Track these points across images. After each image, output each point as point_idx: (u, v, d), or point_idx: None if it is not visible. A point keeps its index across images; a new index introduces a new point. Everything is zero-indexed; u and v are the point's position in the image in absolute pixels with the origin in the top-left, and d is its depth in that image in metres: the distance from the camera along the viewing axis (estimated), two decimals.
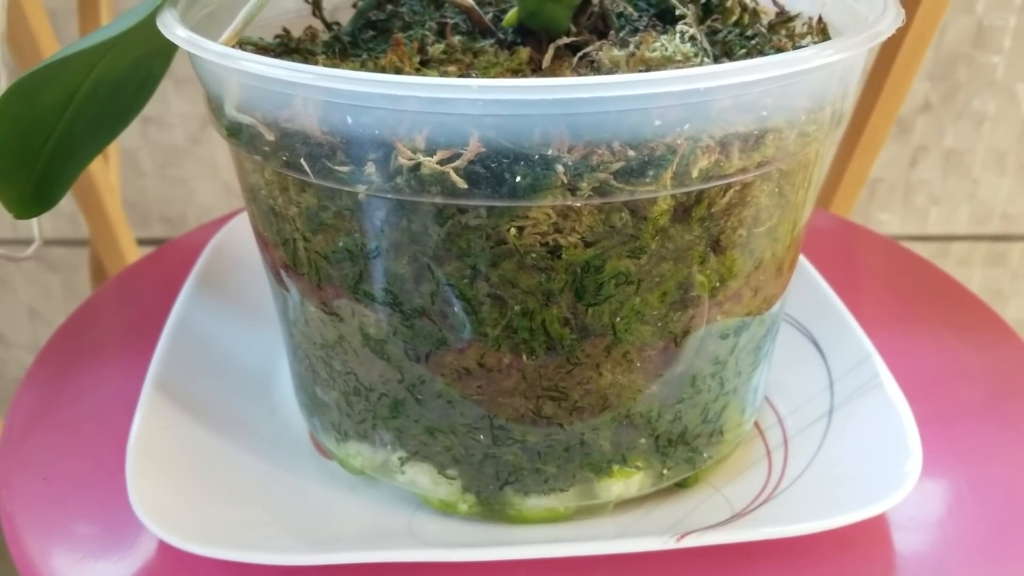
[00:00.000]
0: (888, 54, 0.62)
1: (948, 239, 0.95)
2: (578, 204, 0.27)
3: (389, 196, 0.27)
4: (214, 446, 0.37)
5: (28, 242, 0.39)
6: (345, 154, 0.27)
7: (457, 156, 0.26)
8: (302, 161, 0.27)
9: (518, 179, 0.26)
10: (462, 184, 0.26)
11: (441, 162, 0.26)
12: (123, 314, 0.50)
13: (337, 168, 0.27)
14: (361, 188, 0.27)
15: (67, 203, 0.88)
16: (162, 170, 0.89)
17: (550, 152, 0.25)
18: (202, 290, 0.45)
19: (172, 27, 0.29)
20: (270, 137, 0.28)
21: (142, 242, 0.90)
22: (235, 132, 0.29)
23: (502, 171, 0.26)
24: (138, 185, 0.90)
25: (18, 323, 0.98)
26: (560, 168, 0.26)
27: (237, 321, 0.44)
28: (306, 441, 0.39)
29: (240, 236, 0.48)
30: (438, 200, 0.26)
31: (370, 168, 0.26)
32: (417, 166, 0.26)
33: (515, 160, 0.26)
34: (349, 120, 0.26)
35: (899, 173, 0.91)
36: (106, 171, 0.69)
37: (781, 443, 0.37)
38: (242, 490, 0.35)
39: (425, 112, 0.25)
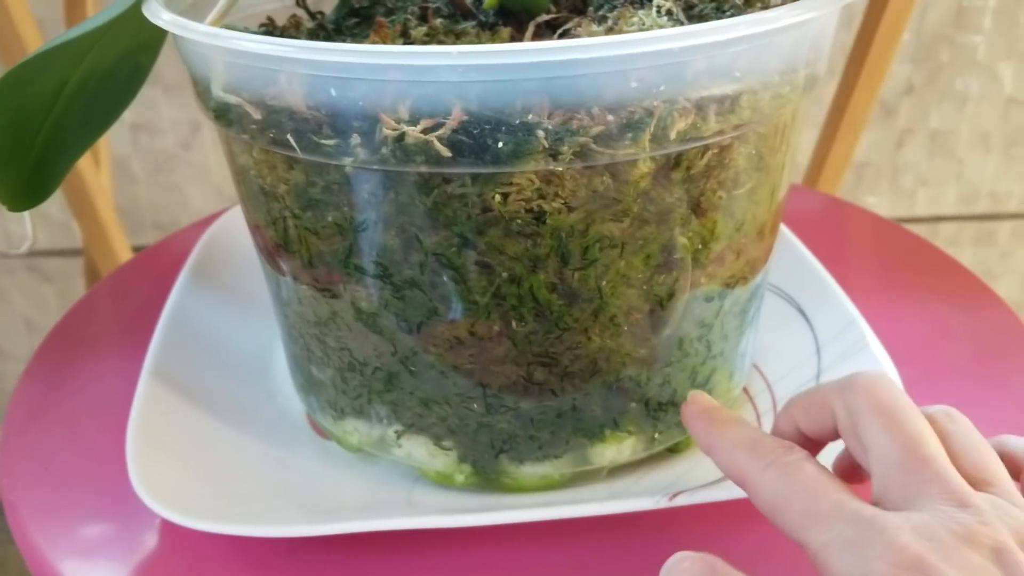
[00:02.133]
0: (867, 32, 0.63)
1: (936, 220, 0.96)
2: (560, 169, 0.27)
3: (375, 168, 0.28)
4: (213, 430, 0.37)
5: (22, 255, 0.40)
6: (331, 128, 0.27)
7: (440, 125, 0.26)
8: (289, 137, 0.28)
9: (500, 146, 0.26)
10: (446, 152, 0.26)
11: (425, 131, 0.26)
12: (117, 311, 0.50)
13: (323, 142, 0.27)
14: (348, 161, 0.28)
15: (59, 212, 0.89)
16: (154, 177, 0.90)
17: (531, 118, 0.26)
18: (197, 280, 0.45)
19: (158, 12, 0.30)
20: (257, 115, 0.29)
21: (136, 249, 0.90)
22: (222, 113, 0.30)
23: (484, 138, 0.26)
24: (130, 192, 0.90)
25: (14, 335, 0.98)
26: (541, 133, 0.26)
27: (232, 310, 0.45)
28: (304, 423, 0.39)
29: (234, 228, 0.49)
30: (423, 169, 0.27)
31: (355, 140, 0.27)
32: (401, 136, 0.26)
33: (497, 127, 0.26)
34: (333, 93, 0.27)
35: (885, 156, 0.92)
36: (98, 176, 0.69)
37: (770, 408, 0.38)
38: (242, 471, 0.36)
39: (408, 81, 0.26)
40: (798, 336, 0.41)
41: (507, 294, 0.30)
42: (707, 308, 0.33)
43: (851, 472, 0.30)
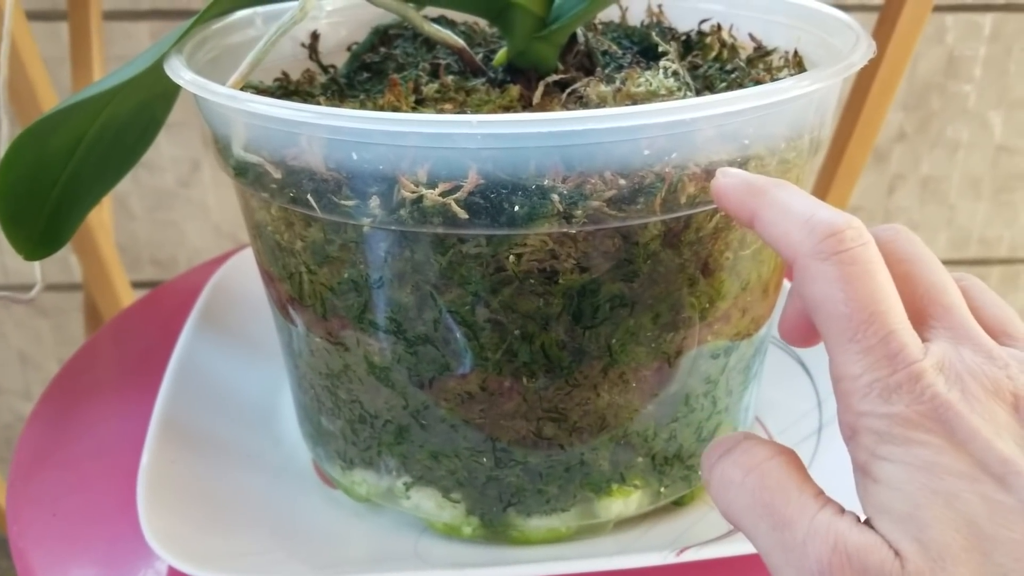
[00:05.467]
0: (863, 85, 0.64)
1: None
2: (573, 231, 0.28)
3: (393, 228, 0.28)
4: (221, 478, 0.38)
5: (21, 287, 0.40)
6: (350, 189, 0.28)
7: (457, 188, 0.27)
8: (308, 197, 0.29)
9: (516, 208, 0.27)
10: (463, 214, 0.27)
11: (442, 194, 0.27)
12: (121, 356, 0.50)
13: (342, 202, 0.28)
14: (366, 221, 0.28)
15: None
16: (152, 213, 0.90)
17: (545, 182, 0.27)
18: (204, 327, 0.46)
19: (180, 71, 0.30)
20: (277, 175, 0.29)
21: (133, 285, 0.90)
22: (242, 171, 0.31)
23: (500, 201, 0.27)
24: (129, 229, 0.91)
25: (9, 369, 0.98)
26: (555, 197, 0.27)
27: (239, 357, 0.45)
28: (310, 471, 0.40)
29: (239, 274, 0.49)
30: (440, 230, 0.28)
31: (374, 201, 0.28)
32: (419, 198, 0.27)
33: (512, 191, 0.27)
34: (354, 156, 0.27)
35: (877, 201, 0.93)
36: (99, 213, 0.69)
37: None
38: (249, 519, 0.36)
39: (426, 147, 0.26)
40: (800, 390, 0.41)
41: (518, 351, 0.30)
42: (713, 364, 0.33)
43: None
